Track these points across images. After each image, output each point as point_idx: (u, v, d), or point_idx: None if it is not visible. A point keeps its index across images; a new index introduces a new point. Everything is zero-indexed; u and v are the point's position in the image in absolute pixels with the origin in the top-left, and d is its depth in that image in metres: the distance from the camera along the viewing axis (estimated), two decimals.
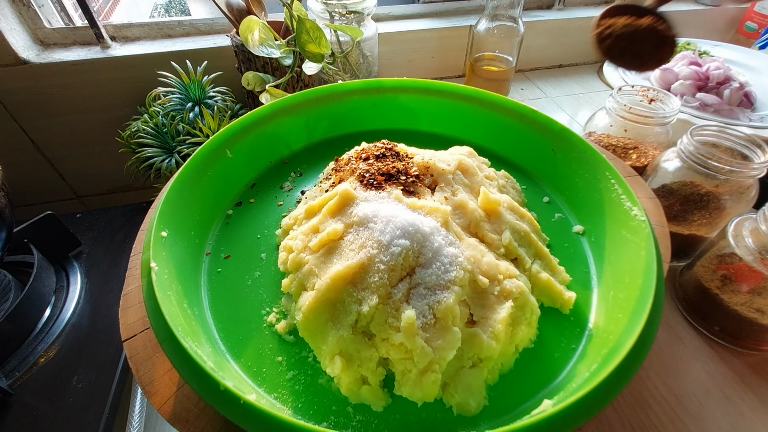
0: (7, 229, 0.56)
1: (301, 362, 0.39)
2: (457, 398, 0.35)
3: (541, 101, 0.97)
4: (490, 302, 0.39)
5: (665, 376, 0.45)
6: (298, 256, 0.42)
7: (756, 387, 0.45)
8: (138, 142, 0.73)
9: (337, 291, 0.37)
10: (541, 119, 0.57)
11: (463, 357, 0.36)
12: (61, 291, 0.62)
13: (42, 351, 0.55)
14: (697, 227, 0.53)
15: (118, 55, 0.79)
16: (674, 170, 0.53)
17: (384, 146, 0.52)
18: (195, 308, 0.41)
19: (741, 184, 0.49)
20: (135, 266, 0.44)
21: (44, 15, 0.78)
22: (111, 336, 0.57)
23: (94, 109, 0.84)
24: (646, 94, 0.63)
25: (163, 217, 0.43)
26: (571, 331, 0.41)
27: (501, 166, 0.58)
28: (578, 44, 1.07)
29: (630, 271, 0.41)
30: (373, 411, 0.35)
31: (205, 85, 0.77)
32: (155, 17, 0.98)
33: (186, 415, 0.33)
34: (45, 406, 0.49)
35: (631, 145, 0.62)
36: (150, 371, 0.35)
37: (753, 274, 0.44)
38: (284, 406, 0.35)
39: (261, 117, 0.58)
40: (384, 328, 0.35)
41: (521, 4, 0.78)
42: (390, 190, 0.45)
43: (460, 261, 0.38)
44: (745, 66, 0.90)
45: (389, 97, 0.65)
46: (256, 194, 0.56)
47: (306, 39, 0.65)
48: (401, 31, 0.92)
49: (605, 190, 0.48)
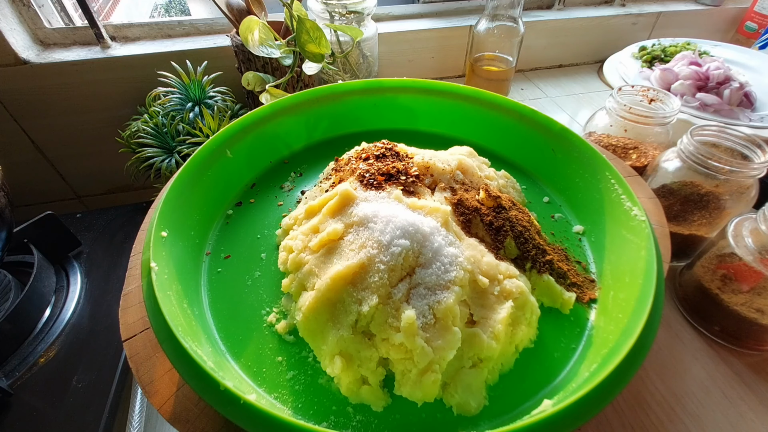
0: (7, 229, 0.56)
1: (301, 362, 0.39)
2: (457, 398, 0.35)
3: (541, 101, 0.97)
4: (490, 302, 0.39)
5: (665, 376, 0.45)
6: (298, 256, 0.42)
7: (756, 387, 0.45)
8: (138, 142, 0.73)
9: (337, 291, 0.37)
10: (541, 119, 0.57)
11: (463, 357, 0.36)
12: (61, 291, 0.62)
13: (42, 351, 0.55)
14: (697, 227, 0.53)
15: (118, 55, 0.79)
16: (674, 170, 0.53)
17: (384, 146, 0.52)
18: (195, 308, 0.41)
19: (741, 184, 0.49)
20: (135, 266, 0.43)
21: (44, 15, 0.78)
22: (111, 336, 0.56)
23: (94, 109, 0.84)
24: (646, 94, 0.63)
25: (163, 217, 0.43)
26: (571, 331, 0.41)
27: (501, 166, 0.58)
28: (578, 44, 1.07)
29: (630, 271, 0.41)
30: (373, 411, 0.35)
31: (205, 85, 0.77)
32: (155, 17, 0.98)
33: (186, 415, 0.33)
34: (45, 406, 0.49)
35: (631, 145, 0.62)
36: (150, 371, 0.35)
37: (753, 273, 0.44)
38: (284, 406, 0.35)
39: (261, 117, 0.58)
40: (384, 328, 0.35)
41: (521, 4, 0.78)
42: (390, 190, 0.45)
43: (460, 261, 0.38)
44: (745, 66, 0.90)
45: (389, 97, 0.65)
46: (256, 194, 0.56)
47: (306, 39, 0.65)
48: (401, 31, 0.92)
49: (605, 190, 0.48)
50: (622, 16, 1.05)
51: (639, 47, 0.97)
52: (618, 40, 1.07)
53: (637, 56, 0.96)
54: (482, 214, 0.45)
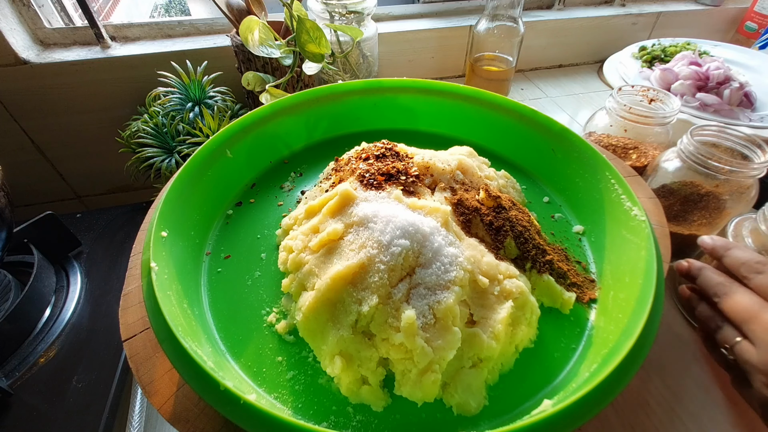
0: (7, 229, 0.56)
1: (301, 362, 0.39)
2: (457, 398, 0.35)
3: (541, 101, 0.97)
4: (490, 302, 0.39)
5: (665, 376, 0.45)
6: (298, 256, 0.42)
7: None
8: (138, 142, 0.73)
9: (337, 291, 0.37)
10: (541, 119, 0.57)
11: (463, 357, 0.36)
12: (61, 291, 0.62)
13: (42, 351, 0.55)
14: (697, 227, 0.53)
15: (118, 55, 0.79)
16: (674, 170, 0.53)
17: (384, 146, 0.52)
18: (195, 308, 0.41)
19: (741, 184, 0.49)
20: (135, 266, 0.44)
21: (44, 15, 0.78)
22: (111, 336, 0.56)
23: (94, 109, 0.84)
24: (646, 94, 0.63)
25: (163, 217, 0.42)
26: (571, 331, 0.41)
27: (501, 166, 0.58)
28: (578, 44, 1.07)
29: (630, 271, 0.41)
30: (373, 411, 0.35)
31: (205, 85, 0.77)
32: (155, 17, 0.98)
33: (186, 415, 0.33)
34: (45, 406, 0.49)
35: (631, 145, 0.62)
36: (150, 371, 0.35)
37: None
38: (284, 406, 0.35)
39: (261, 117, 0.58)
40: (384, 328, 0.35)
41: (521, 4, 0.78)
42: (390, 190, 0.45)
43: (460, 261, 0.38)
44: (745, 66, 0.90)
45: (389, 97, 0.65)
46: (256, 194, 0.56)
47: (306, 39, 0.65)
48: (401, 31, 0.92)
49: (605, 190, 0.48)
50: (622, 16, 1.05)
51: (639, 47, 0.97)
52: (618, 40, 1.07)
53: (637, 56, 0.96)
54: (482, 214, 0.45)
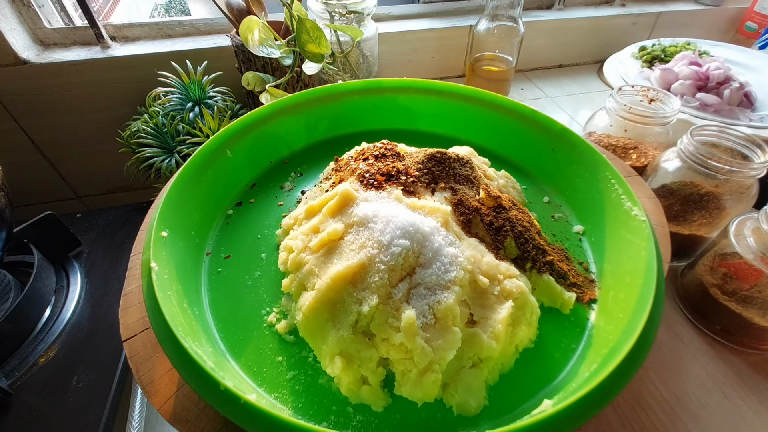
0: (7, 229, 0.56)
1: (301, 362, 0.39)
2: (458, 398, 0.35)
3: (541, 101, 0.97)
4: (490, 302, 0.39)
5: (665, 376, 0.45)
6: (298, 256, 0.42)
7: (756, 387, 0.45)
8: (138, 142, 0.73)
9: (337, 291, 0.37)
10: (541, 119, 0.57)
11: (463, 357, 0.36)
12: (61, 291, 0.62)
13: (42, 351, 0.55)
14: (697, 227, 0.53)
15: (118, 55, 0.79)
16: (674, 170, 0.53)
17: (384, 146, 0.52)
18: (195, 308, 0.41)
19: (741, 184, 0.49)
20: (135, 266, 0.43)
21: (44, 15, 0.78)
22: (111, 336, 0.56)
23: (94, 109, 0.84)
24: (646, 94, 0.63)
25: (163, 217, 0.42)
26: (571, 331, 0.41)
27: (501, 166, 0.58)
28: (578, 44, 1.07)
29: (630, 271, 0.41)
30: (373, 411, 0.35)
31: (205, 85, 0.77)
32: (155, 17, 0.98)
33: (186, 415, 0.33)
34: (45, 406, 0.49)
35: (631, 145, 0.62)
36: (150, 371, 0.35)
37: (753, 272, 0.44)
38: (284, 406, 0.35)
39: (261, 117, 0.58)
40: (384, 328, 0.35)
41: (521, 4, 0.78)
42: (390, 190, 0.45)
43: (460, 261, 0.38)
44: (745, 66, 0.90)
45: (389, 97, 0.65)
46: (256, 194, 0.56)
47: (306, 39, 0.65)
48: (401, 31, 0.92)
49: (605, 190, 0.48)
50: (622, 16, 1.05)
51: (639, 47, 0.97)
52: (618, 40, 1.07)
53: (637, 56, 0.96)
54: (482, 214, 0.45)
